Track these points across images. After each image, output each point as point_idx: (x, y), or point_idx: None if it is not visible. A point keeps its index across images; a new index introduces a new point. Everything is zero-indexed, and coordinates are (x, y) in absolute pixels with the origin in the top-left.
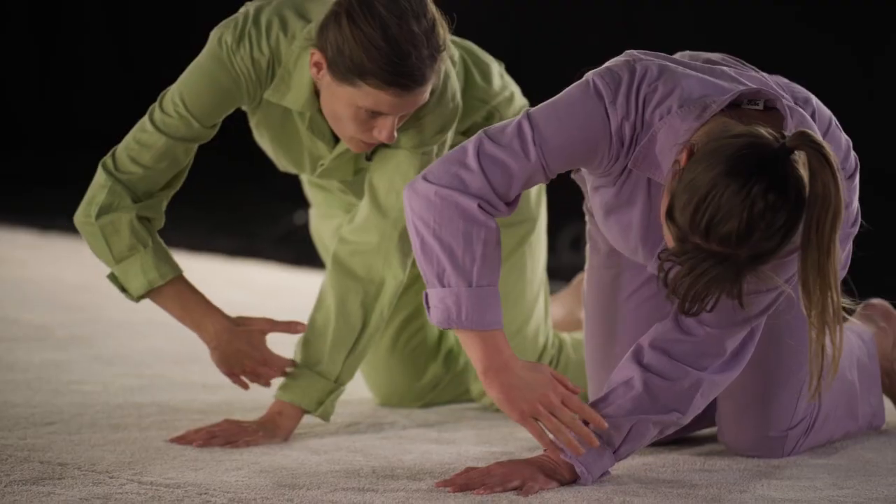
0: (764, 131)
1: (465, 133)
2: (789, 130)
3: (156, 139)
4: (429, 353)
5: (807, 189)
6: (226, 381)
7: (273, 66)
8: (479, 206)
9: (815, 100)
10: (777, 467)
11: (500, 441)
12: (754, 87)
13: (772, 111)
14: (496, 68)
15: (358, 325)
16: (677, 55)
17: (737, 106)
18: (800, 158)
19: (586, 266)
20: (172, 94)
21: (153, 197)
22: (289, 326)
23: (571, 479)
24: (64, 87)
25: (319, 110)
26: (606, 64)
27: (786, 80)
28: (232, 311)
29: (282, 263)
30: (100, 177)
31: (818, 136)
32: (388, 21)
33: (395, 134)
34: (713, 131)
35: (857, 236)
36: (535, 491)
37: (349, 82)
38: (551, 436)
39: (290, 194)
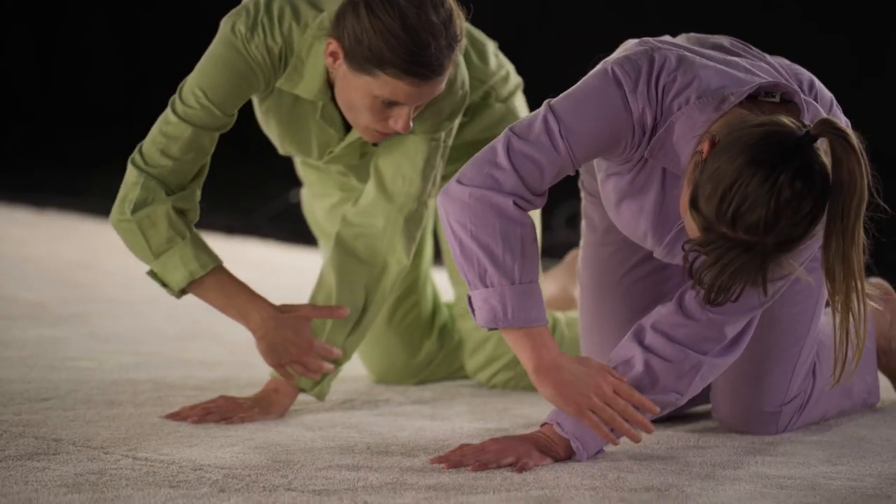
0: (786, 119)
1: (464, 113)
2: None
3: (182, 130)
4: (423, 330)
5: (830, 176)
6: (221, 357)
7: (286, 55)
8: (514, 202)
9: (816, 81)
10: (771, 444)
11: (495, 417)
12: (772, 80)
13: (788, 104)
14: (491, 47)
15: (359, 306)
16: (681, 37)
17: (753, 98)
18: (821, 146)
19: (581, 243)
20: (191, 86)
21: (185, 188)
22: (331, 311)
23: (566, 456)
24: (65, 67)
25: (332, 99)
26: (623, 52)
27: (788, 62)
28: None
29: (278, 241)
30: (131, 174)
31: (841, 123)
32: (407, 11)
33: (411, 124)
34: (733, 122)
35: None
36: (529, 467)
37: (367, 72)
38: (603, 427)
39: (287, 172)
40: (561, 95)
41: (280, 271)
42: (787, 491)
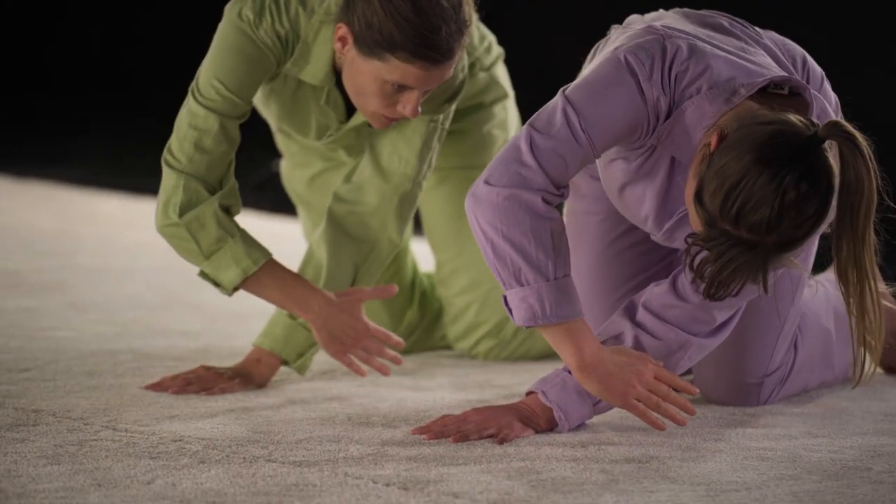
0: (795, 119)
1: None
2: (813, 118)
3: (211, 122)
4: (404, 299)
5: (836, 178)
6: (202, 327)
7: (292, 40)
8: (543, 199)
9: (808, 57)
10: (752, 416)
11: (476, 388)
12: (783, 74)
13: (796, 96)
14: (474, 19)
15: (347, 282)
16: (678, 14)
17: (763, 90)
18: (829, 147)
19: (565, 210)
20: (208, 77)
21: (224, 183)
22: (382, 291)
23: (548, 428)
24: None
25: (336, 84)
26: (635, 40)
27: (781, 38)
28: None
29: (260, 210)
30: (169, 177)
31: (849, 125)
32: None
33: (420, 109)
34: (742, 116)
35: None
36: (510, 439)
37: (377, 56)
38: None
39: (270, 142)
40: (574, 85)
41: (259, 240)
42: (768, 462)
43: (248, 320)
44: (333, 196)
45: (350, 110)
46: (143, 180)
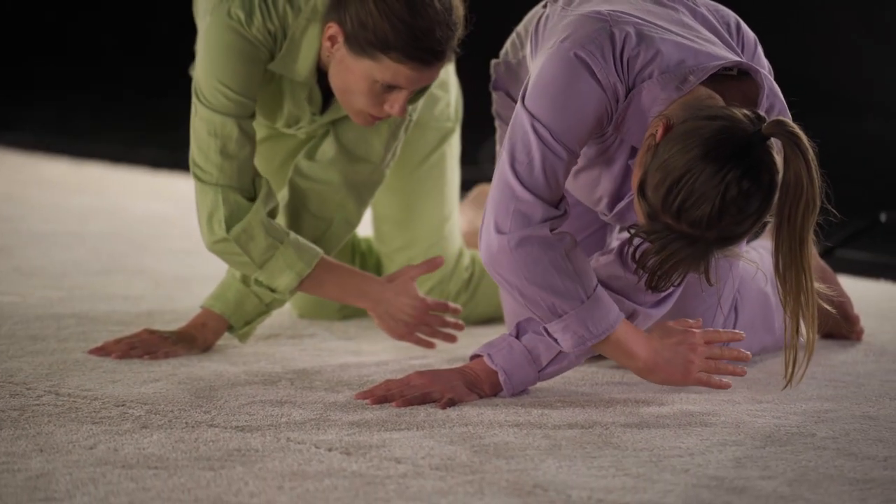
0: (740, 114)
1: None
2: (762, 103)
3: (229, 127)
4: (343, 261)
5: (780, 175)
6: (146, 292)
7: (280, 38)
8: (550, 227)
9: (742, 23)
10: None
11: (419, 354)
12: (733, 59)
13: (745, 76)
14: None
15: None
16: None
17: (713, 73)
18: (774, 144)
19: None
20: (210, 83)
21: (258, 186)
22: (429, 266)
23: (492, 394)
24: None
25: (318, 81)
26: (580, 31)
27: (713, 3)
28: (155, 223)
29: None
30: (205, 193)
31: (793, 124)
32: None
33: (407, 108)
34: (689, 104)
35: None
36: (453, 404)
37: (369, 56)
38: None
39: None
40: (532, 95)
41: None
42: (711, 428)
43: (191, 284)
44: (294, 169)
45: (325, 105)
46: (90, 145)
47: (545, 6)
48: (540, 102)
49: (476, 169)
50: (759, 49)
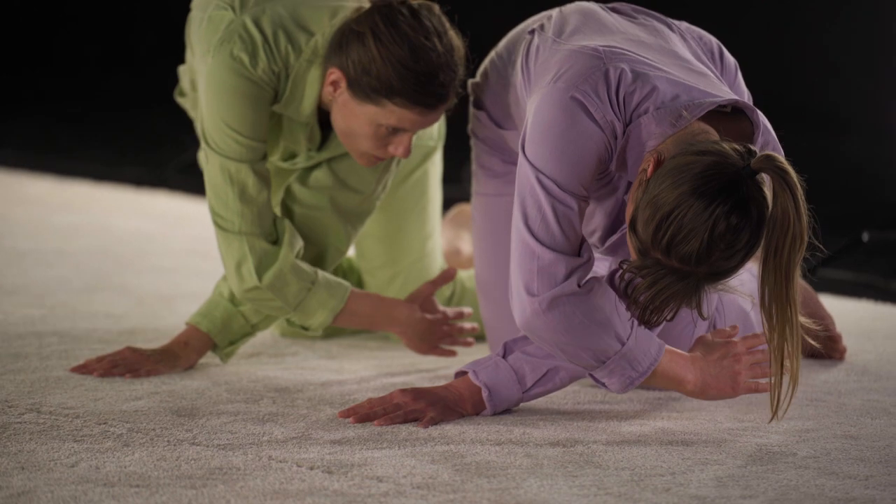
0: (730, 149)
1: None
2: (757, 141)
3: (244, 173)
4: None
5: (769, 210)
6: (128, 310)
7: (283, 78)
8: (577, 280)
9: (722, 47)
10: (676, 399)
11: (401, 372)
12: (729, 98)
13: (739, 114)
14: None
15: None
16: (576, 7)
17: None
18: (765, 178)
19: (477, 192)
20: (219, 128)
21: (280, 229)
22: (444, 277)
23: (474, 413)
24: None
25: (318, 121)
26: (574, 69)
27: (695, 30)
28: (138, 241)
29: (187, 193)
30: (230, 242)
31: (782, 159)
32: (416, 42)
33: (411, 150)
34: (682, 140)
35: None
36: (435, 422)
37: (373, 101)
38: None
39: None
40: (532, 144)
41: (188, 223)
42: (692, 447)
43: (174, 302)
44: (287, 193)
45: (323, 140)
46: (74, 163)
47: (532, 33)
48: (541, 152)
49: (458, 187)
50: (739, 75)
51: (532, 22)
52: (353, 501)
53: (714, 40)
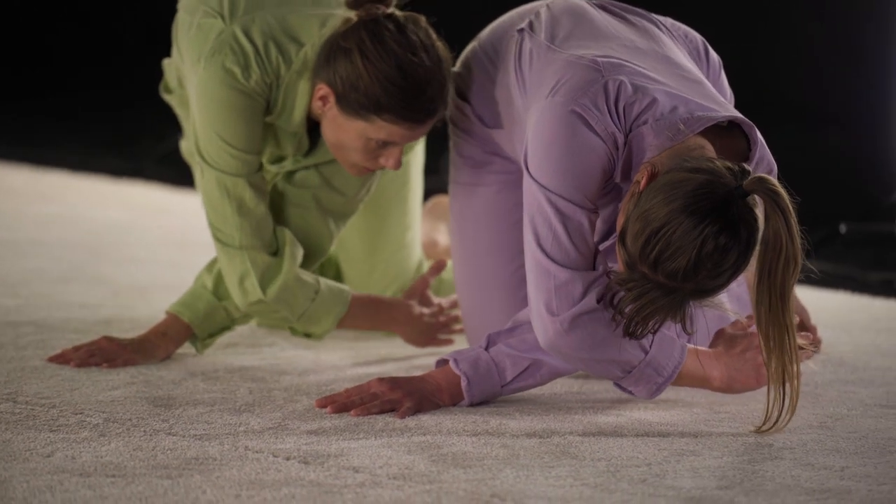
0: (724, 168)
1: None
2: (754, 157)
3: (241, 187)
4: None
5: (760, 231)
6: (105, 300)
7: (275, 89)
8: (595, 295)
9: (707, 45)
10: None
11: (378, 362)
12: (729, 115)
13: (734, 128)
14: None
15: None
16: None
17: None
18: (757, 199)
19: (456, 181)
20: (213, 142)
21: (281, 239)
22: (437, 268)
23: (451, 404)
24: None
25: (308, 130)
26: (572, 81)
27: (681, 27)
28: (115, 232)
29: (164, 183)
30: (230, 256)
31: (774, 181)
32: (402, 56)
33: (402, 160)
34: (677, 154)
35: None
36: (412, 413)
37: (362, 117)
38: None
39: (174, 115)
40: (536, 162)
41: (165, 213)
42: (668, 438)
43: (150, 293)
44: (273, 190)
45: (311, 147)
46: (51, 154)
47: (521, 32)
48: (546, 169)
49: (436, 178)
50: (723, 73)
51: (518, 18)
52: (329, 492)
53: (699, 37)
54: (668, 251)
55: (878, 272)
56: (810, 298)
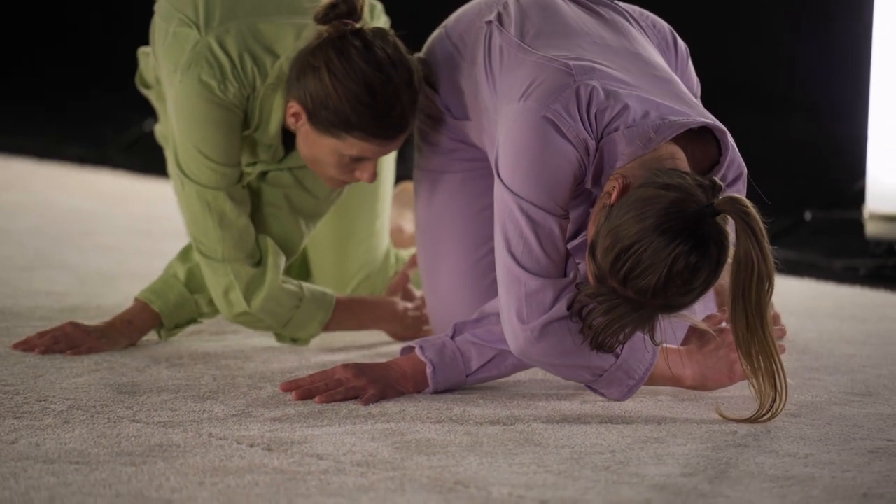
0: (695, 184)
1: None
2: (724, 162)
3: (221, 200)
4: None
5: (730, 248)
6: (71, 288)
7: (252, 101)
8: (566, 302)
9: (675, 33)
10: None
11: (342, 349)
12: (702, 121)
13: (705, 132)
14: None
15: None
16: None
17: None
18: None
19: (421, 167)
20: (192, 156)
21: (263, 248)
22: (414, 263)
23: (415, 391)
24: None
25: (283, 142)
26: (544, 85)
27: (649, 16)
28: (80, 219)
29: (130, 171)
30: (214, 270)
31: (746, 201)
32: (370, 74)
33: (377, 173)
34: (648, 164)
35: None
36: (375, 400)
37: (333, 135)
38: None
39: (140, 102)
40: (507, 169)
41: (131, 201)
42: (632, 425)
43: (116, 280)
44: (250, 186)
45: (285, 153)
46: (16, 141)
47: (489, 24)
48: (517, 175)
49: (402, 165)
50: (690, 62)
51: (486, 7)
52: (293, 479)
53: (666, 27)
54: (639, 268)
55: (843, 259)
56: (775, 286)
